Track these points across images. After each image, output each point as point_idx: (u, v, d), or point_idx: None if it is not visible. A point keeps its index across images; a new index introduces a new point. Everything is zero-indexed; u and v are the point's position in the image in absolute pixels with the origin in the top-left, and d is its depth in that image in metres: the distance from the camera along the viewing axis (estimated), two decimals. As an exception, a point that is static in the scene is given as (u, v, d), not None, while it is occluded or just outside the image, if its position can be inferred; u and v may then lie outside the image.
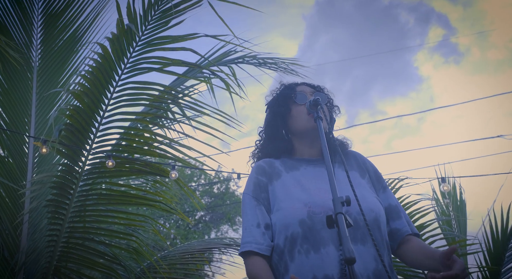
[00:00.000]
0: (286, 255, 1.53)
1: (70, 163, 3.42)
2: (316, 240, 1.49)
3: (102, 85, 3.21)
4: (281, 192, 1.64)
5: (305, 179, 1.66)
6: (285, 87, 1.85)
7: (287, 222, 1.55)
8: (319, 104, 1.60)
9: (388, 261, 1.56)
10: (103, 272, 3.76)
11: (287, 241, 1.54)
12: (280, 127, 1.78)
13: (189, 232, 17.07)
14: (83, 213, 3.58)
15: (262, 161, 1.76)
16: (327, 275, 1.45)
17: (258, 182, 1.69)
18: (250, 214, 1.64)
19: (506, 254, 4.31)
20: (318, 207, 1.53)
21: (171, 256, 4.22)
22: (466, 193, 4.96)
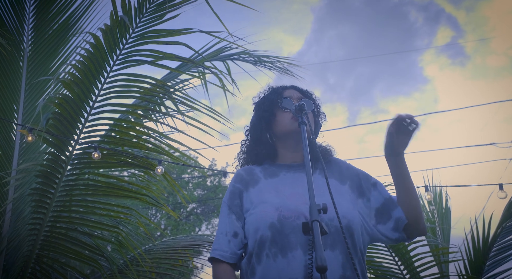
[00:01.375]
0: (254, 258, 1.56)
1: (57, 152, 3.38)
2: (284, 244, 1.51)
3: (93, 75, 3.18)
4: (255, 198, 1.66)
5: (282, 185, 1.68)
6: (272, 91, 1.85)
7: (257, 225, 1.57)
8: (304, 110, 1.61)
9: (360, 268, 1.57)
10: (85, 262, 3.73)
11: (256, 244, 1.56)
12: (264, 131, 1.79)
13: (180, 223, 17.06)
14: (67, 203, 3.55)
15: (241, 169, 1.79)
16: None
17: (234, 190, 1.73)
18: (221, 222, 1.70)
19: (487, 263, 4.37)
20: (289, 211, 1.56)
21: (155, 250, 4.21)
22: (455, 200, 5.00)
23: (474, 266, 4.23)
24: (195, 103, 3.43)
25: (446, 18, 26.31)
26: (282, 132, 1.74)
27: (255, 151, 1.80)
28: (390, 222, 1.66)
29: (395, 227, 1.65)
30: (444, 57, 25.58)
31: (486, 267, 4.36)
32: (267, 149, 1.78)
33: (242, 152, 1.86)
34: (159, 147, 3.48)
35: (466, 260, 4.23)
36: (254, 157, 1.81)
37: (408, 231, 1.66)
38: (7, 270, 3.64)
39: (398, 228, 1.65)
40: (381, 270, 4.20)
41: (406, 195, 1.64)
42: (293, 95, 1.80)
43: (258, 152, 1.79)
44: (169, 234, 16.28)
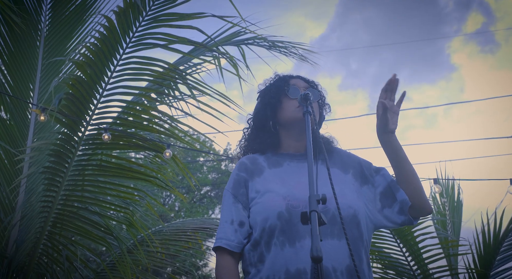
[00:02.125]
0: (263, 247, 1.56)
1: (69, 132, 3.43)
2: (292, 233, 1.52)
3: (106, 57, 3.20)
4: (261, 187, 1.65)
5: (286, 174, 1.67)
6: (279, 79, 1.83)
7: (265, 214, 1.57)
8: (309, 99, 1.59)
9: (365, 258, 1.58)
10: (95, 241, 3.81)
11: (264, 232, 1.56)
12: (269, 118, 1.77)
13: (193, 205, 17.21)
14: (79, 182, 3.61)
15: (245, 158, 1.77)
16: (299, 268, 1.47)
17: (238, 178, 1.71)
18: (226, 210, 1.67)
19: (497, 258, 4.33)
20: (297, 201, 1.56)
21: (165, 231, 4.27)
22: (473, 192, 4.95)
23: (483, 261, 4.19)
24: (207, 88, 3.44)
25: (478, 4, 25.29)
26: (287, 120, 1.73)
27: (259, 139, 1.78)
28: (395, 205, 1.66)
29: (401, 210, 1.65)
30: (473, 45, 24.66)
31: (496, 261, 4.32)
32: (271, 137, 1.77)
33: (245, 139, 1.85)
34: (170, 131, 3.51)
35: (475, 254, 4.19)
36: (257, 145, 1.79)
37: (413, 212, 1.66)
38: (19, 244, 3.74)
39: (404, 210, 1.65)
40: (388, 261, 4.20)
41: (404, 175, 1.64)
42: (299, 84, 1.79)
43: (262, 140, 1.77)
44: (183, 216, 16.47)
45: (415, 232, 3.99)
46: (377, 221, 1.66)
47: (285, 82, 1.79)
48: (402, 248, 4.09)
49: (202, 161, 17.91)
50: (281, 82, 1.80)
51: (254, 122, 1.84)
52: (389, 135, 1.63)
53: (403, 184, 1.65)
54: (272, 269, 1.52)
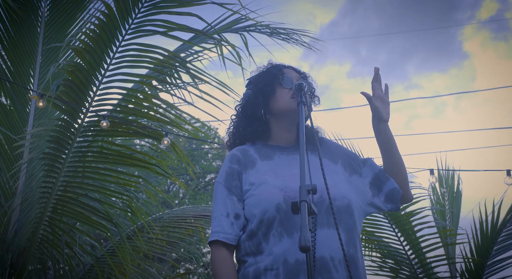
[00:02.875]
0: (260, 237, 1.56)
1: (68, 118, 3.44)
2: (290, 225, 1.52)
3: (105, 44, 3.19)
4: (256, 179, 1.64)
5: (278, 167, 1.67)
6: (273, 67, 1.80)
7: (263, 206, 1.56)
8: (303, 90, 1.59)
9: (359, 246, 1.59)
10: (94, 227, 3.84)
11: (262, 224, 1.55)
12: (260, 106, 1.73)
13: (198, 193, 17.25)
14: (79, 168, 3.63)
15: (236, 149, 1.73)
16: (298, 259, 1.48)
17: (231, 171, 1.68)
18: (220, 203, 1.65)
19: (494, 248, 4.34)
20: (294, 192, 1.55)
21: (165, 218, 4.29)
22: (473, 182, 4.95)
23: (481, 250, 4.21)
24: (206, 76, 3.43)
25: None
26: (280, 110, 1.71)
27: (249, 127, 1.75)
28: (381, 195, 1.69)
29: (388, 199, 1.68)
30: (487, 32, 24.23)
31: (493, 251, 4.34)
32: (261, 126, 1.73)
33: (233, 127, 1.81)
34: (170, 119, 3.51)
35: (472, 243, 4.21)
36: (248, 134, 1.75)
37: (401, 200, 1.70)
38: (18, 229, 3.77)
39: (393, 199, 1.68)
40: (387, 250, 4.22)
41: (395, 164, 1.67)
42: (292, 74, 1.77)
43: (252, 129, 1.74)
44: (187, 203, 16.53)
45: (413, 221, 4.01)
46: (366, 208, 1.69)
47: (279, 71, 1.76)
48: (400, 237, 4.11)
49: (207, 148, 17.93)
50: (276, 70, 1.77)
51: (243, 109, 1.78)
52: (384, 124, 1.66)
53: (392, 173, 1.68)
54: (269, 260, 1.52)
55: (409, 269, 4.23)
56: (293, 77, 1.75)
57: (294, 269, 1.48)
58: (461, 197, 4.83)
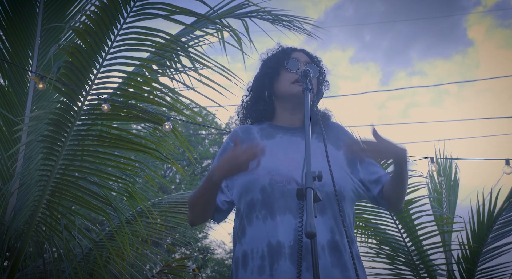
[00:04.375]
0: (245, 219, 1.60)
1: (68, 101, 3.41)
2: (273, 207, 1.55)
3: (106, 26, 3.15)
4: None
5: (277, 147, 1.68)
6: (281, 50, 1.82)
7: (248, 187, 1.60)
8: (309, 76, 1.59)
9: (348, 233, 1.58)
10: (93, 211, 3.83)
11: (246, 205, 1.60)
12: (265, 88, 1.78)
13: (195, 178, 17.28)
14: (78, 152, 3.60)
15: (238, 128, 1.80)
16: (279, 241, 1.50)
17: (227, 147, 1.74)
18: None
19: (490, 235, 4.39)
20: (281, 176, 1.58)
21: (164, 203, 4.29)
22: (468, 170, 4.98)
23: (477, 238, 4.25)
24: (209, 61, 3.40)
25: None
26: (282, 93, 1.75)
27: (255, 107, 1.81)
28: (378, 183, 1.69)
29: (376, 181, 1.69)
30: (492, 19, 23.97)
31: (489, 239, 4.39)
32: (266, 106, 1.78)
33: (242, 107, 1.86)
34: (171, 103, 3.48)
35: (469, 231, 4.25)
36: (253, 114, 1.81)
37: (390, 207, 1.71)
38: (15, 212, 3.75)
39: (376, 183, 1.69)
40: (384, 237, 4.25)
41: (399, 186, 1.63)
42: (301, 58, 1.78)
43: (257, 108, 1.80)
44: (184, 188, 16.55)
45: (411, 209, 4.03)
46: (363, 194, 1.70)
47: (287, 55, 1.79)
48: (398, 224, 4.14)
49: (204, 134, 17.89)
50: (282, 54, 1.80)
51: (252, 90, 1.85)
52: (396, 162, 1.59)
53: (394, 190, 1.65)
54: (253, 242, 1.55)
55: (405, 256, 4.27)
56: (300, 60, 1.77)
57: (276, 251, 1.50)
58: (458, 186, 4.87)
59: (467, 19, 23.96)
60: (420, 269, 4.21)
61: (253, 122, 1.83)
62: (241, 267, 1.56)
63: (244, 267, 1.55)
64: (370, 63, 26.37)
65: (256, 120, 1.82)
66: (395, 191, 1.64)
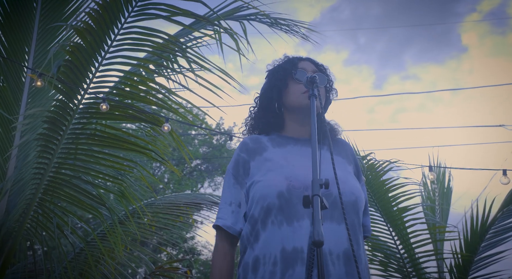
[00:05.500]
0: (259, 224, 1.57)
1: (65, 99, 3.37)
2: (291, 213, 1.53)
3: (107, 25, 3.13)
4: (263, 166, 1.67)
5: (290, 155, 1.68)
6: (287, 61, 1.82)
7: (265, 192, 1.58)
8: (315, 82, 1.58)
9: (362, 244, 1.61)
10: (87, 210, 3.79)
11: (262, 210, 1.57)
12: (274, 100, 1.77)
13: (183, 178, 17.24)
14: (73, 150, 3.57)
15: (248, 138, 1.78)
16: (295, 247, 1.49)
17: (239, 159, 1.72)
18: (226, 191, 1.71)
19: (482, 244, 4.42)
20: (298, 182, 1.57)
21: (157, 204, 4.26)
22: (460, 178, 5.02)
23: (469, 246, 4.27)
24: (206, 62, 3.39)
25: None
26: (292, 104, 1.74)
27: (264, 118, 1.79)
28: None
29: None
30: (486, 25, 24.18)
31: (481, 248, 4.41)
32: (275, 118, 1.78)
33: (250, 117, 1.85)
34: (166, 103, 3.47)
35: (462, 239, 4.27)
36: (262, 125, 1.80)
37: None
38: (9, 211, 3.71)
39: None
40: (377, 243, 4.26)
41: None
42: (308, 67, 1.78)
43: (266, 120, 1.79)
44: (172, 188, 16.51)
45: (406, 216, 4.04)
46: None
47: (293, 65, 1.79)
48: (391, 232, 4.15)
49: (194, 134, 17.87)
50: (289, 65, 1.79)
51: (260, 101, 1.84)
52: None
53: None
54: (267, 248, 1.53)
55: (397, 263, 4.28)
56: (308, 70, 1.76)
57: (291, 257, 1.48)
58: (451, 193, 4.90)
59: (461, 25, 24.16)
60: (413, 276, 4.23)
61: (260, 133, 1.82)
62: (250, 272, 1.54)
63: (255, 272, 1.53)
64: (364, 66, 26.52)
65: (263, 131, 1.81)
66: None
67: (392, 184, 3.80)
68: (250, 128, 1.84)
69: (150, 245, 10.25)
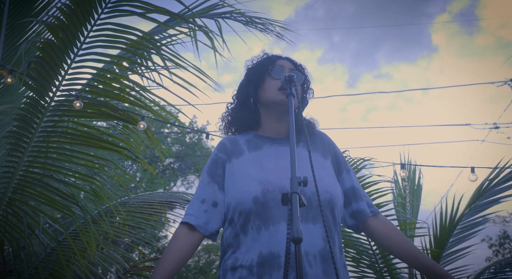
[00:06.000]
0: (239, 229, 1.57)
1: (37, 96, 3.31)
2: (267, 217, 1.53)
3: (80, 21, 3.07)
4: (239, 171, 1.66)
5: (265, 158, 1.68)
6: (266, 58, 1.83)
7: (241, 198, 1.58)
8: (293, 81, 1.59)
9: (337, 242, 1.61)
10: (59, 210, 3.72)
11: (241, 216, 1.57)
12: (250, 95, 1.78)
13: (156, 176, 17.06)
14: (43, 149, 3.50)
15: (226, 138, 1.78)
16: (271, 252, 1.49)
17: (217, 159, 1.72)
18: (200, 189, 1.69)
19: (450, 240, 4.54)
20: (273, 185, 1.57)
21: (131, 203, 4.22)
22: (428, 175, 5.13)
23: (439, 242, 4.38)
24: (181, 60, 3.37)
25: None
26: (267, 100, 1.74)
27: (239, 114, 1.80)
28: (349, 208, 1.72)
29: (352, 215, 1.71)
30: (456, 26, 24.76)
31: (449, 243, 4.53)
32: (250, 114, 1.78)
33: (227, 114, 1.85)
34: (141, 101, 3.43)
35: (431, 235, 4.37)
36: (238, 121, 1.80)
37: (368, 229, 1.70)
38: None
39: (357, 217, 1.70)
40: (350, 240, 4.32)
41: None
42: (285, 65, 1.79)
43: (242, 116, 1.79)
44: (144, 186, 16.34)
45: (378, 213, 4.11)
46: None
47: (271, 62, 1.79)
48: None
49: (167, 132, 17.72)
50: (267, 61, 1.80)
51: (237, 97, 1.84)
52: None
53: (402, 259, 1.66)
54: (246, 252, 1.53)
55: (369, 259, 4.35)
56: (285, 68, 1.77)
57: (267, 262, 1.48)
58: (421, 191, 5.01)
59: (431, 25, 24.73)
60: (384, 272, 4.31)
61: (237, 130, 1.82)
62: (231, 274, 1.54)
63: (233, 272, 1.54)
64: (338, 64, 26.80)
65: (240, 127, 1.81)
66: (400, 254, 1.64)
67: (365, 182, 3.86)
68: (227, 124, 1.84)
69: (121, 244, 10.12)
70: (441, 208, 4.28)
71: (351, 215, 1.71)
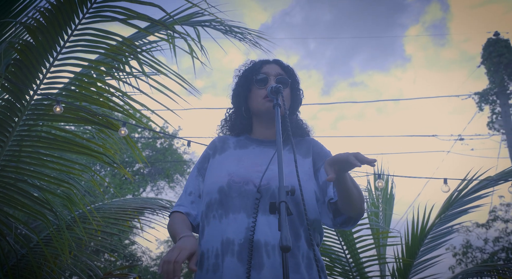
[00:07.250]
0: (204, 220, 1.66)
1: (13, 99, 3.26)
2: (228, 206, 1.60)
3: (60, 25, 3.05)
4: (217, 165, 1.76)
5: (246, 156, 1.76)
6: (251, 67, 1.88)
7: (209, 189, 1.68)
8: (280, 92, 1.66)
9: (304, 235, 1.61)
10: (32, 215, 3.65)
11: (206, 206, 1.67)
12: (241, 105, 1.86)
13: (124, 182, 16.82)
14: (16, 153, 3.44)
15: (217, 137, 1.89)
16: (228, 238, 1.56)
17: (205, 154, 1.84)
18: (188, 182, 1.81)
19: (421, 249, 4.64)
20: (239, 177, 1.65)
21: (105, 209, 4.17)
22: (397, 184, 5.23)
23: (410, 251, 4.48)
24: (162, 67, 3.39)
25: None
26: (254, 109, 1.84)
27: (235, 121, 1.89)
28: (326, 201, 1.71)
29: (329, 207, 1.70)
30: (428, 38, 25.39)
31: (420, 252, 4.63)
32: (244, 121, 1.87)
33: (226, 120, 1.95)
34: (120, 106, 3.42)
35: (403, 244, 4.47)
36: (232, 127, 1.90)
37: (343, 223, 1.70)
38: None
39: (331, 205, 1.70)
40: (323, 248, 4.37)
41: (350, 205, 1.60)
42: (271, 71, 1.84)
43: (235, 122, 1.88)
44: (112, 191, 16.09)
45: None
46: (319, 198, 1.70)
47: (256, 71, 1.84)
48: (339, 237, 4.28)
49: (137, 137, 17.52)
50: (252, 72, 1.86)
51: (232, 105, 1.94)
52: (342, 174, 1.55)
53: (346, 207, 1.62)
54: (209, 241, 1.60)
55: (342, 267, 4.41)
56: (270, 74, 1.82)
57: (224, 248, 1.55)
58: (393, 200, 5.12)
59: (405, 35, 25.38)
60: (357, 280, 4.38)
61: (232, 134, 1.91)
62: (198, 268, 1.59)
63: (201, 267, 1.59)
64: (313, 71, 27.14)
65: (234, 132, 1.90)
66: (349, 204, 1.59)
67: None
68: (223, 129, 1.95)
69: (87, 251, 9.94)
70: (412, 217, 4.38)
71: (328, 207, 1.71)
